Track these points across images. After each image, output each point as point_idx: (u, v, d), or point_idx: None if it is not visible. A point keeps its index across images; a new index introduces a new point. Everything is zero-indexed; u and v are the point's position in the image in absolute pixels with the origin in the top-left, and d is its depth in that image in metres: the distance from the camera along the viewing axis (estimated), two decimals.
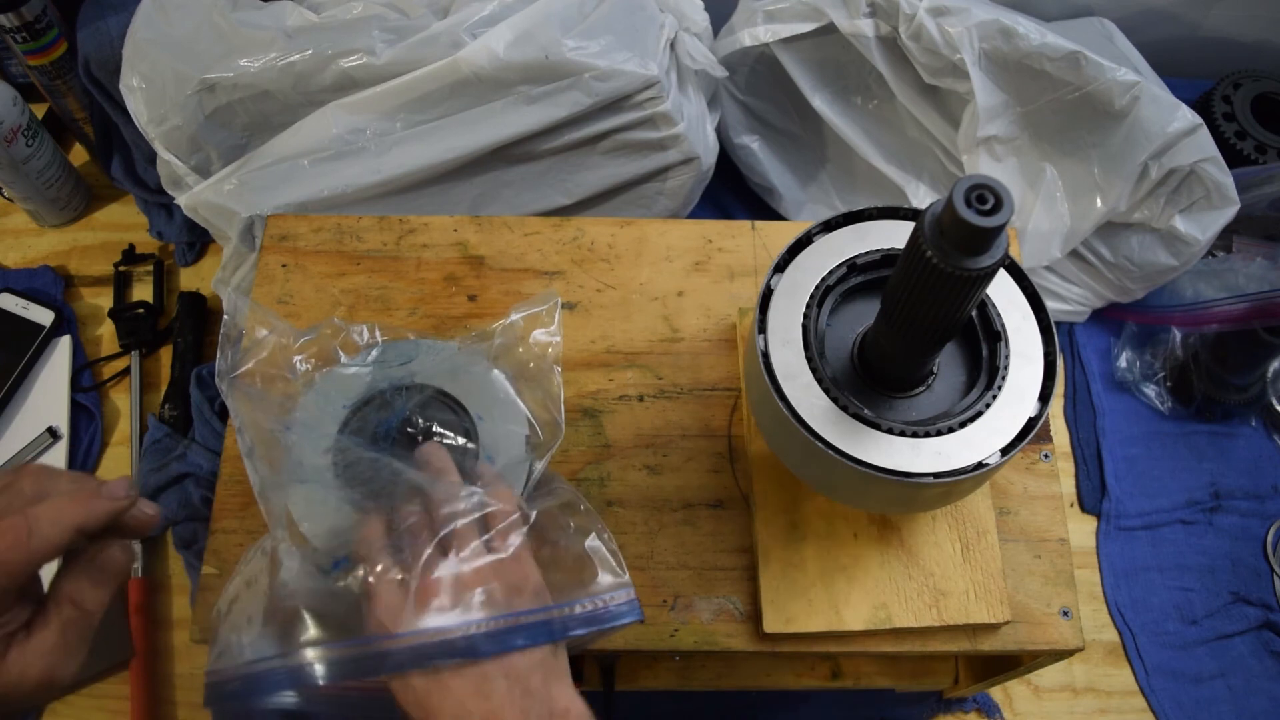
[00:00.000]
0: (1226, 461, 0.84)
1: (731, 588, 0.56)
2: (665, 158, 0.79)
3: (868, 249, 0.52)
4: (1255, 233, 0.88)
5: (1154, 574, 0.80)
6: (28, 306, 0.88)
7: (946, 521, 0.57)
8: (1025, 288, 0.51)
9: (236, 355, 0.53)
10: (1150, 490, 0.83)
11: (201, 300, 0.91)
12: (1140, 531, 0.81)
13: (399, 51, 0.72)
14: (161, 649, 0.78)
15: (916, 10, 0.75)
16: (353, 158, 0.74)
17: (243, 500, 0.58)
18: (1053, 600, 0.56)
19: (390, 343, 0.58)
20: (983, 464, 0.47)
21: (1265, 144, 0.90)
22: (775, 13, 0.82)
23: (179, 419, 0.83)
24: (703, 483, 0.59)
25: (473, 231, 0.67)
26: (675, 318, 0.64)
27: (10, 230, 0.96)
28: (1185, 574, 0.80)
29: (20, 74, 0.94)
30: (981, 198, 0.37)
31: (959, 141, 0.79)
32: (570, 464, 0.59)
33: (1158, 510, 0.82)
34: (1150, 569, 0.80)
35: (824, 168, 0.95)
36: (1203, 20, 0.99)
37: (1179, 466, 0.84)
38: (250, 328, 0.55)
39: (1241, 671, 0.76)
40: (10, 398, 0.85)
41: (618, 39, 0.74)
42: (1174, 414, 0.86)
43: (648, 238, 0.67)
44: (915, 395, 0.51)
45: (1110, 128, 0.76)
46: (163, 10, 0.76)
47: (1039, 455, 0.60)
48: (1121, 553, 0.80)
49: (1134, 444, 0.85)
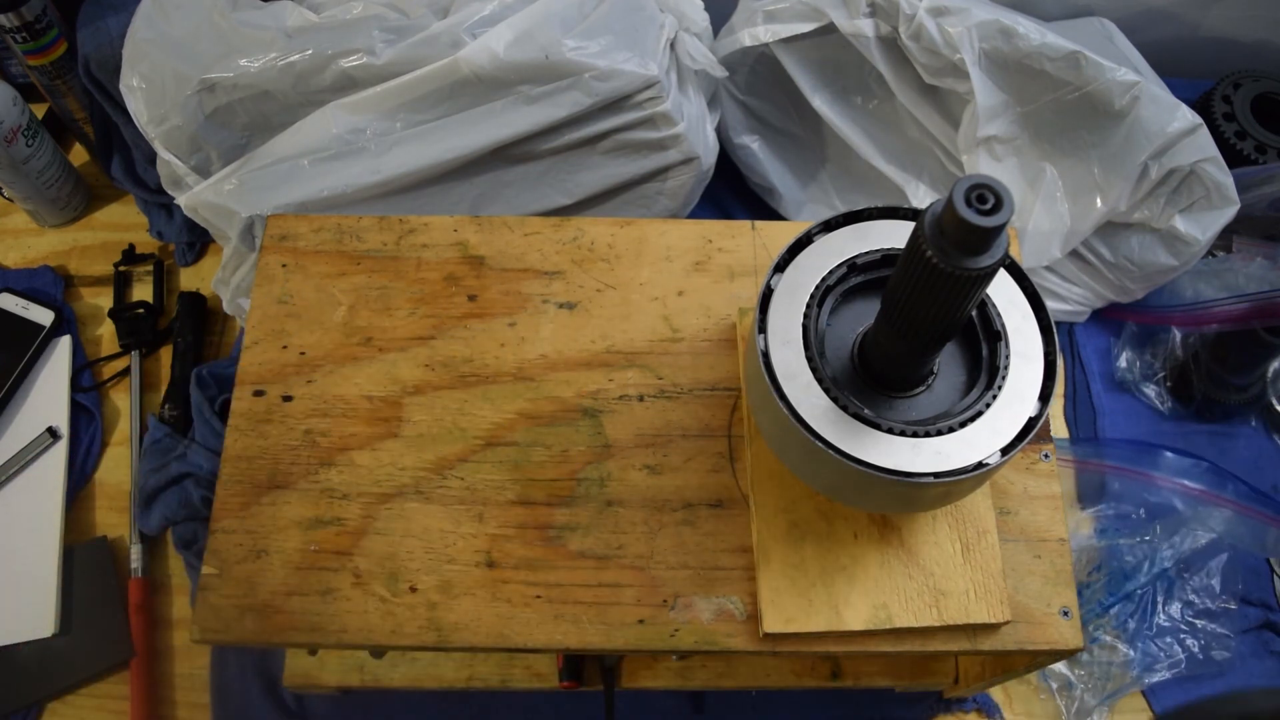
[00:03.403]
0: (1226, 462, 0.84)
1: (731, 588, 0.56)
2: (665, 158, 0.79)
3: (868, 249, 0.52)
4: (1255, 233, 0.88)
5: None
6: (28, 306, 0.88)
7: (946, 521, 0.57)
8: (1025, 288, 0.51)
9: None
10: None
11: (201, 300, 0.91)
12: None
13: (399, 51, 0.72)
14: (161, 649, 0.78)
15: (916, 10, 0.75)
16: (353, 158, 0.74)
17: (243, 500, 0.58)
18: (1053, 600, 0.56)
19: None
20: (983, 464, 0.47)
21: (1265, 144, 0.90)
22: (775, 13, 0.82)
23: (179, 419, 0.83)
24: (703, 483, 0.59)
25: (473, 231, 0.67)
26: (675, 318, 0.64)
27: (10, 230, 0.96)
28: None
29: (20, 74, 0.94)
30: (981, 198, 0.37)
31: (959, 141, 0.79)
32: (570, 464, 0.59)
33: None
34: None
35: (824, 168, 0.95)
36: (1203, 20, 0.99)
37: None
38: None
39: (1241, 672, 0.76)
40: (10, 398, 0.85)
41: (618, 39, 0.74)
42: (1174, 414, 0.86)
43: (648, 238, 0.67)
44: (915, 395, 0.51)
45: (1110, 128, 0.76)
46: (163, 10, 0.76)
47: (1039, 455, 0.60)
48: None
49: None
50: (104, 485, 0.84)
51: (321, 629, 0.55)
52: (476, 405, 0.61)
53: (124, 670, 0.76)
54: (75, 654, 0.76)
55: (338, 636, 0.55)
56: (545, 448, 0.59)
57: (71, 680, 0.76)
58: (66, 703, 0.75)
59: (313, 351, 0.62)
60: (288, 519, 0.57)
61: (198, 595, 0.56)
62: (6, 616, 0.77)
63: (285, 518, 0.57)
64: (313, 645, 0.58)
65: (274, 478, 0.59)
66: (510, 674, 0.73)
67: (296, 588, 0.56)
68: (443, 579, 0.56)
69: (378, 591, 0.56)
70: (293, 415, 0.60)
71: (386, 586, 0.56)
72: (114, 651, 0.76)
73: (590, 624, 0.55)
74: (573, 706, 0.76)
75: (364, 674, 0.73)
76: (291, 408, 0.61)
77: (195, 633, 0.55)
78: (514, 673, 0.73)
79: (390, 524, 0.57)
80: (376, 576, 0.56)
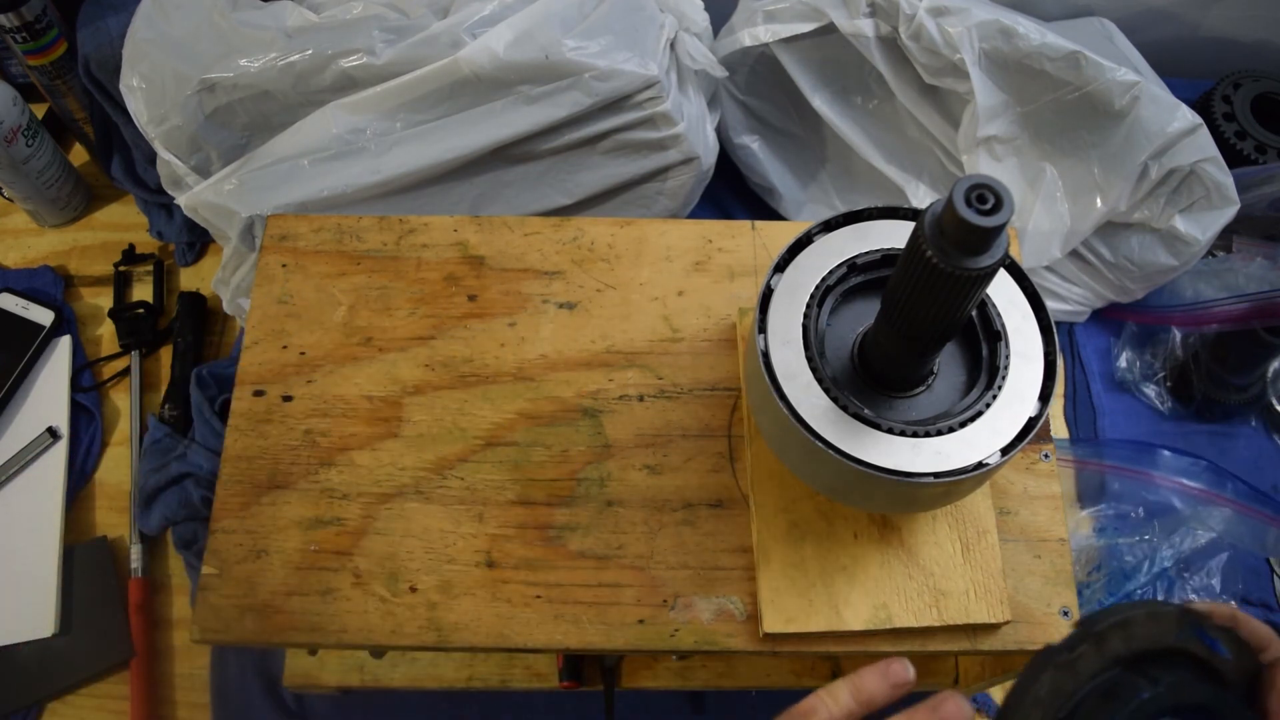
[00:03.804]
0: (1226, 461, 0.84)
1: (731, 588, 0.56)
2: (665, 158, 0.79)
3: (868, 249, 0.52)
4: (1255, 233, 0.88)
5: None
6: (28, 306, 0.88)
7: (946, 521, 0.57)
8: (1025, 288, 0.51)
9: None
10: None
11: (201, 300, 0.91)
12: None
13: (399, 51, 0.72)
14: (161, 649, 0.78)
15: (916, 10, 0.75)
16: (353, 158, 0.74)
17: (243, 500, 0.58)
18: (1053, 600, 0.56)
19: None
20: (983, 464, 0.47)
21: (1265, 144, 0.90)
22: (775, 13, 0.82)
23: (179, 419, 0.83)
24: (703, 483, 0.59)
25: (473, 231, 0.67)
26: (675, 318, 0.64)
27: (10, 230, 0.96)
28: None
29: (20, 74, 0.94)
30: (981, 197, 0.37)
31: (959, 141, 0.79)
32: (570, 464, 0.59)
33: None
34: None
35: (824, 168, 0.95)
36: (1203, 20, 0.99)
37: None
38: None
39: None
40: (10, 398, 0.85)
41: (618, 39, 0.74)
42: (1174, 414, 0.86)
43: (648, 238, 0.67)
44: (915, 395, 0.51)
45: (1110, 128, 0.76)
46: (163, 10, 0.76)
47: (1039, 455, 0.60)
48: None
49: None
50: (104, 485, 0.84)
51: (321, 629, 0.55)
52: (476, 405, 0.61)
53: (124, 670, 0.76)
54: (75, 654, 0.76)
55: (338, 636, 0.55)
56: (545, 448, 0.59)
57: (71, 680, 0.76)
58: (66, 703, 0.75)
59: (313, 351, 0.62)
60: (288, 519, 0.57)
61: (198, 595, 0.56)
62: (6, 616, 0.77)
63: (285, 518, 0.57)
64: (313, 645, 0.58)
65: (274, 478, 0.59)
66: (510, 674, 0.73)
67: (296, 588, 0.56)
68: (443, 579, 0.56)
69: (378, 591, 0.56)
70: (293, 415, 0.60)
71: (386, 586, 0.56)
72: (114, 651, 0.76)
73: (590, 624, 0.55)
74: (573, 706, 0.76)
75: (364, 674, 0.73)
76: (291, 408, 0.61)
77: (195, 633, 0.55)
78: (514, 673, 0.73)
79: (390, 524, 0.57)
80: (376, 576, 0.56)
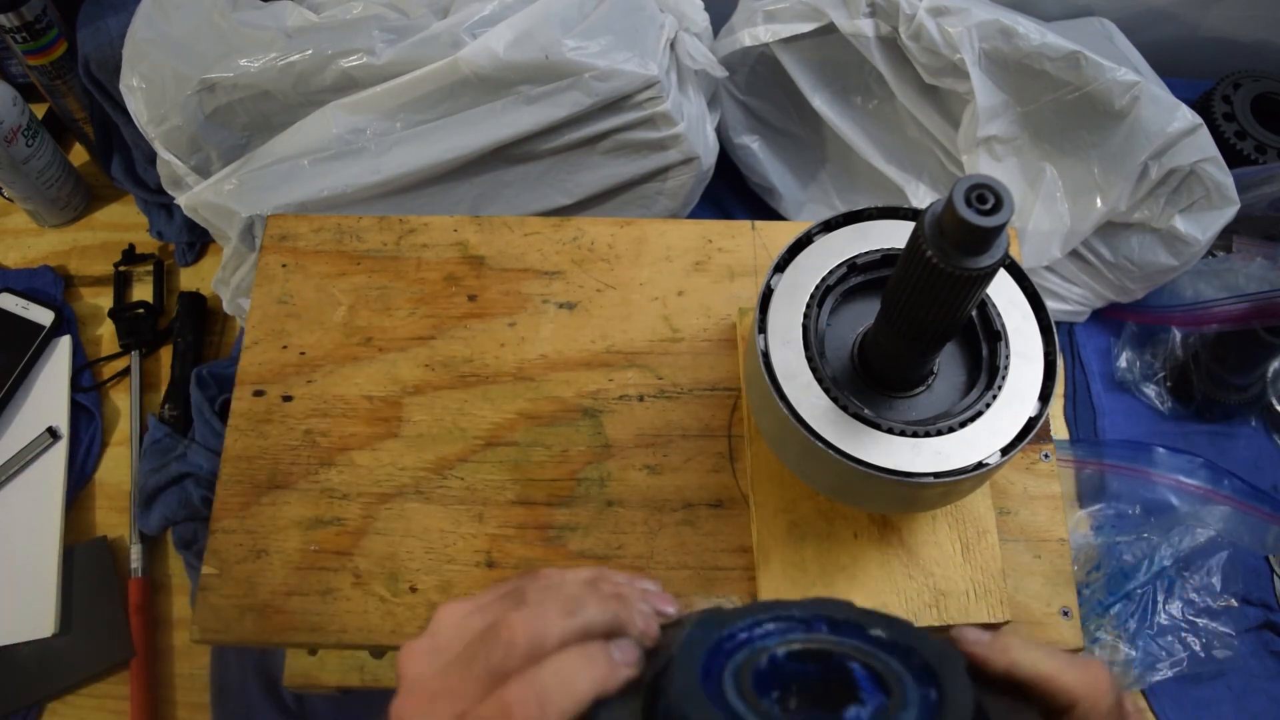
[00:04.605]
0: (1226, 462, 0.84)
1: (731, 588, 0.56)
2: (665, 158, 0.79)
3: (868, 249, 0.52)
4: (1255, 233, 0.88)
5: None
6: (28, 306, 0.88)
7: (946, 521, 0.57)
8: (1025, 288, 0.51)
9: None
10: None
11: (201, 300, 0.91)
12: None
13: (399, 51, 0.72)
14: (161, 649, 0.78)
15: (916, 10, 0.75)
16: (353, 158, 0.74)
17: (243, 500, 0.58)
18: (1053, 600, 0.56)
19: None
20: (983, 464, 0.47)
21: (1265, 144, 0.90)
22: (775, 13, 0.82)
23: (179, 419, 0.83)
24: (703, 483, 0.59)
25: (473, 231, 0.67)
26: (675, 318, 0.64)
27: (10, 230, 0.96)
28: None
29: (20, 74, 0.94)
30: (981, 197, 0.37)
31: (959, 141, 0.79)
32: (570, 464, 0.59)
33: None
34: None
35: (824, 168, 0.95)
36: (1203, 20, 0.99)
37: None
38: None
39: (1241, 671, 0.76)
40: (10, 398, 0.85)
41: (618, 39, 0.74)
42: (1174, 414, 0.86)
43: (648, 238, 0.67)
44: (915, 395, 0.51)
45: (1110, 128, 0.76)
46: (163, 10, 0.76)
47: (1039, 455, 0.60)
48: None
49: None
50: (104, 485, 0.84)
51: (321, 629, 0.55)
52: (476, 405, 0.61)
53: (124, 670, 0.76)
54: (75, 654, 0.76)
55: (338, 636, 0.55)
56: (545, 448, 0.59)
57: (71, 680, 0.76)
58: (66, 703, 0.75)
59: (313, 351, 0.62)
60: (288, 519, 0.57)
61: (198, 595, 0.56)
62: (6, 616, 0.77)
63: (285, 518, 0.58)
64: (313, 645, 0.58)
65: (274, 478, 0.59)
66: None
67: (296, 588, 0.56)
68: (443, 579, 0.56)
69: (378, 591, 0.56)
70: (293, 415, 0.60)
71: (386, 586, 0.56)
72: (114, 651, 0.76)
73: None
74: None
75: (364, 674, 0.72)
76: (291, 408, 0.61)
77: (195, 633, 0.55)
78: None
79: (390, 524, 0.57)
80: (376, 576, 0.56)
